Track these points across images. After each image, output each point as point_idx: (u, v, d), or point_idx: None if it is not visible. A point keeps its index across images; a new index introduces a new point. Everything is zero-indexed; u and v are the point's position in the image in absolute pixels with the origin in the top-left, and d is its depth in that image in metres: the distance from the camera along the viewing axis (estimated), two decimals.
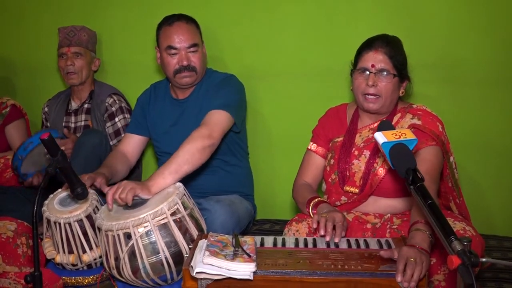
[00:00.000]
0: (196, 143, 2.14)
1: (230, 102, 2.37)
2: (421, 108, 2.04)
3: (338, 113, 2.20)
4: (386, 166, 1.96)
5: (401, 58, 2.01)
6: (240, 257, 1.61)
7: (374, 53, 1.99)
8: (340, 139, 2.12)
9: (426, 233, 1.65)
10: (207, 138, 2.18)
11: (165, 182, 2.05)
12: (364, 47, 2.04)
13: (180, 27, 2.45)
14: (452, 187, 2.06)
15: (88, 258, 2.11)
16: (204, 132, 2.19)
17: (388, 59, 1.98)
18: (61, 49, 2.85)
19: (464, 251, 1.17)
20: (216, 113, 2.30)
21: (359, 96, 2.04)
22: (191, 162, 2.11)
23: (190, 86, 2.52)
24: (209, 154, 2.19)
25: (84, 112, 2.87)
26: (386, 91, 1.98)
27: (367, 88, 1.99)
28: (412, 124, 1.98)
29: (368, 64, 1.99)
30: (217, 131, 2.24)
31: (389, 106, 2.04)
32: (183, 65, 2.43)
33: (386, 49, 1.98)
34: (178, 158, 2.09)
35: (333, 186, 2.08)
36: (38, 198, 1.65)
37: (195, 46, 2.45)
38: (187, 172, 2.11)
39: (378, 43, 2.00)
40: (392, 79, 1.98)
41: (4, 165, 2.78)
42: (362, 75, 2.01)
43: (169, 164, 2.08)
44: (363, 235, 1.95)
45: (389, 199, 2.00)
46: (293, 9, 2.72)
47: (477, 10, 2.49)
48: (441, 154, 1.96)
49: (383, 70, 1.98)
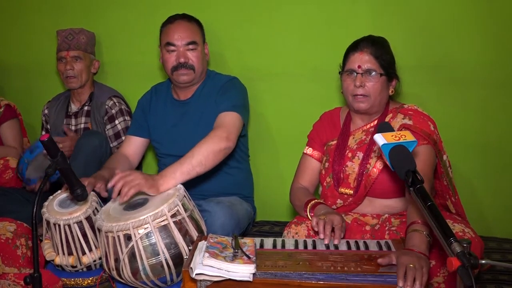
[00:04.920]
0: (213, 145, 2.12)
1: (238, 104, 2.37)
2: (412, 108, 2.05)
3: (332, 117, 2.22)
4: (380, 166, 1.98)
5: (387, 57, 2.03)
6: (240, 258, 1.61)
7: (360, 54, 2.01)
8: (334, 142, 2.14)
9: (424, 234, 1.65)
10: (225, 140, 2.15)
11: (176, 183, 2.03)
12: (350, 49, 2.06)
13: (180, 24, 2.46)
14: (447, 185, 2.07)
15: (88, 259, 2.11)
16: (222, 134, 2.16)
17: (374, 59, 2.00)
18: (60, 53, 2.84)
19: (464, 253, 1.17)
20: (228, 115, 2.29)
21: (348, 97, 2.06)
22: (204, 164, 2.08)
23: (190, 85, 2.52)
24: (223, 157, 2.16)
25: (84, 115, 2.87)
26: (374, 90, 2.00)
27: (356, 89, 2.01)
28: (403, 124, 1.99)
29: (355, 65, 2.01)
30: (234, 133, 2.22)
31: (379, 105, 2.06)
32: (180, 62, 2.42)
33: (372, 49, 2.01)
34: (192, 159, 2.06)
35: (328, 190, 2.09)
36: (38, 199, 1.65)
37: (194, 44, 2.45)
38: (198, 173, 2.08)
39: (363, 44, 2.03)
40: (379, 79, 2.00)
41: (4, 166, 2.78)
42: (350, 76, 2.03)
43: (182, 165, 2.05)
44: (362, 237, 1.95)
45: (385, 200, 2.01)
46: (294, 11, 2.72)
47: (477, 11, 2.49)
48: (434, 153, 1.97)
49: (369, 70, 2.00)
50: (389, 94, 2.07)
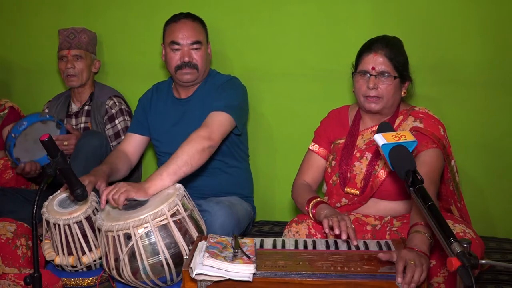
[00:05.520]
0: (196, 145, 2.14)
1: (232, 104, 2.37)
2: (423, 111, 2.04)
3: (340, 115, 2.20)
4: (387, 168, 1.96)
5: (401, 59, 2.01)
6: (240, 258, 1.61)
7: (374, 56, 1.99)
8: (342, 141, 2.12)
9: (426, 235, 1.65)
10: (207, 140, 2.17)
11: (163, 184, 2.05)
12: (364, 49, 2.03)
13: (185, 23, 2.46)
14: (453, 191, 2.06)
15: (88, 259, 2.12)
16: (204, 134, 2.19)
17: (388, 61, 1.97)
18: (61, 52, 2.85)
19: (464, 253, 1.17)
20: (217, 115, 2.30)
21: (360, 97, 2.04)
22: (190, 164, 2.11)
23: (192, 85, 2.53)
24: (208, 155, 2.19)
25: (85, 115, 2.87)
26: (387, 93, 1.98)
27: (368, 91, 1.99)
28: (414, 127, 1.98)
29: (369, 66, 1.99)
30: (217, 132, 2.24)
31: (391, 107, 2.04)
32: (185, 61, 2.44)
33: (386, 51, 1.98)
34: (177, 159, 2.09)
35: (334, 188, 2.08)
36: (38, 199, 1.65)
37: (198, 44, 2.46)
38: (186, 173, 2.10)
39: (378, 45, 2.00)
40: (393, 81, 1.98)
41: (4, 166, 2.78)
42: (363, 77, 2.01)
43: (167, 166, 2.08)
44: (363, 237, 1.95)
45: (390, 202, 2.00)
46: (294, 11, 2.72)
47: (477, 11, 2.49)
48: (442, 157, 1.95)
49: (383, 72, 1.97)
50: (402, 96, 2.06)
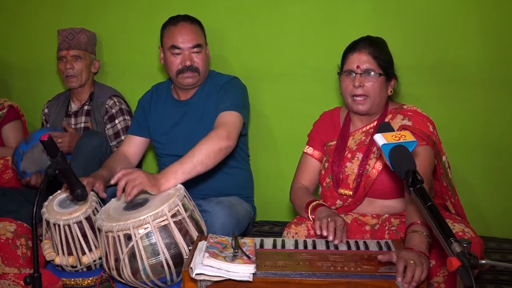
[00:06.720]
0: (213, 144, 2.12)
1: (239, 103, 2.37)
2: (412, 109, 2.05)
3: (332, 117, 2.22)
4: (379, 167, 1.98)
5: (386, 57, 2.04)
6: (240, 258, 1.61)
7: (358, 54, 2.02)
8: (334, 143, 2.14)
9: (423, 234, 1.66)
10: (225, 139, 2.16)
11: (176, 182, 2.04)
12: (348, 49, 2.07)
13: (184, 27, 2.45)
14: (447, 187, 2.07)
15: (88, 259, 2.12)
16: (223, 133, 2.17)
17: (373, 59, 2.00)
18: (60, 52, 2.85)
19: (464, 253, 1.17)
20: (228, 114, 2.30)
21: (347, 98, 2.06)
22: (205, 163, 2.09)
23: (193, 87, 2.52)
24: (224, 156, 2.17)
25: (84, 114, 2.87)
26: (373, 90, 2.00)
27: (355, 89, 2.01)
28: (403, 125, 1.99)
29: (354, 65, 2.01)
30: (234, 132, 2.23)
31: (378, 106, 2.06)
32: (186, 65, 2.43)
33: (370, 49, 2.01)
34: (193, 158, 2.07)
35: (328, 191, 2.09)
36: (38, 199, 1.65)
37: (199, 47, 2.45)
38: (199, 173, 2.09)
39: (361, 44, 2.03)
40: (378, 78, 2.00)
41: (4, 166, 2.78)
42: (349, 77, 2.03)
43: (183, 164, 2.06)
44: (362, 237, 1.95)
45: (384, 200, 2.01)
46: (294, 11, 2.72)
47: (477, 11, 2.49)
48: (433, 154, 1.97)
49: (368, 70, 2.00)
50: (388, 95, 2.07)
